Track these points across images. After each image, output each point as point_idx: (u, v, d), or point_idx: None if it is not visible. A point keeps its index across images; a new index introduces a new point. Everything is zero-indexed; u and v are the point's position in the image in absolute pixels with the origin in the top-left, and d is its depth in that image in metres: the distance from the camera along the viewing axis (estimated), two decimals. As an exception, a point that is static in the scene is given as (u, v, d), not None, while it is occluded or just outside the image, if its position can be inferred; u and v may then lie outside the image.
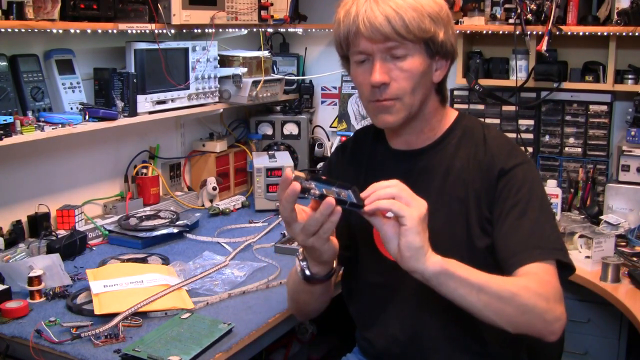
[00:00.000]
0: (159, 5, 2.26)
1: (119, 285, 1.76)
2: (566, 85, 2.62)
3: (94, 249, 2.22)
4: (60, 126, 2.02)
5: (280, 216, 1.28)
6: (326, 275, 1.40)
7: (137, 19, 2.23)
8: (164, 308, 1.68)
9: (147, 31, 2.26)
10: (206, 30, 2.55)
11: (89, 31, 2.15)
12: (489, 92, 2.69)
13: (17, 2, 1.85)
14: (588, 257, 2.15)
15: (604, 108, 2.61)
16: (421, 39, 1.33)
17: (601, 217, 2.42)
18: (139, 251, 2.18)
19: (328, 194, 1.18)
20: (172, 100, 2.41)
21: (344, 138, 2.91)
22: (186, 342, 1.51)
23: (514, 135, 2.70)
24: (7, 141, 1.86)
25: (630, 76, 2.51)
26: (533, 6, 2.47)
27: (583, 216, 2.44)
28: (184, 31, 2.56)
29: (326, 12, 2.97)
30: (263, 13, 2.76)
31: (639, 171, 2.40)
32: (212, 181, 2.70)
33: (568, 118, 2.68)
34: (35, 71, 2.09)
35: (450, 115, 1.49)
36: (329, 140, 3.23)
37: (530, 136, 2.73)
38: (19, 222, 2.12)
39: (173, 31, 2.42)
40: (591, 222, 2.37)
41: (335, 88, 3.22)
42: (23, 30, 1.95)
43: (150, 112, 2.33)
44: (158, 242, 2.25)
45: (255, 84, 2.65)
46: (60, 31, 2.04)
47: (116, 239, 2.27)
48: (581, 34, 2.48)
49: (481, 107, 2.80)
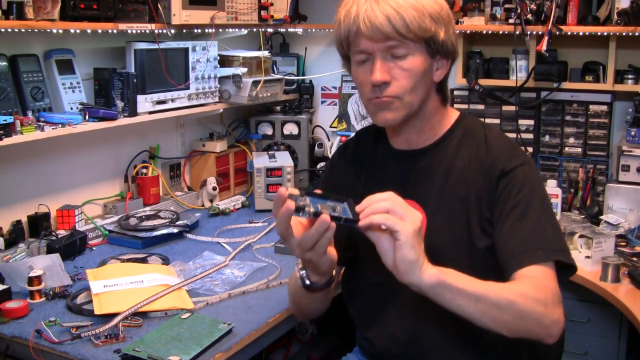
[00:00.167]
0: (159, 5, 2.26)
1: (119, 285, 1.76)
2: (566, 85, 2.61)
3: (94, 249, 2.22)
4: (60, 126, 2.02)
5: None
6: (326, 283, 1.40)
7: (137, 19, 2.23)
8: (164, 308, 1.68)
9: (147, 31, 2.26)
10: (206, 30, 2.54)
11: (89, 31, 2.15)
12: (489, 92, 2.69)
13: (17, 2, 1.85)
14: (588, 257, 2.15)
15: (604, 108, 2.61)
16: (422, 38, 1.33)
17: (601, 217, 2.41)
18: (139, 251, 2.18)
19: (323, 210, 1.18)
20: (172, 100, 2.41)
21: (344, 138, 2.92)
22: (186, 342, 1.51)
23: (514, 135, 2.70)
24: (7, 141, 1.86)
25: (630, 76, 2.51)
26: (533, 6, 2.47)
27: (583, 216, 2.44)
28: (184, 31, 2.56)
29: (326, 12, 2.97)
30: (263, 13, 2.76)
31: (639, 171, 2.40)
32: (212, 181, 2.70)
33: (568, 118, 2.68)
34: (35, 71, 2.09)
35: (452, 116, 1.49)
36: (329, 140, 3.22)
37: (530, 136, 2.73)
38: (19, 222, 2.12)
39: (173, 31, 2.41)
40: (591, 222, 2.37)
41: (335, 88, 3.21)
42: (23, 30, 1.95)
43: (150, 112, 2.33)
44: (158, 242, 2.25)
45: (255, 84, 2.65)
46: (60, 31, 2.04)
47: (116, 239, 2.27)
48: (581, 34, 2.48)
49: (481, 107, 2.79)
